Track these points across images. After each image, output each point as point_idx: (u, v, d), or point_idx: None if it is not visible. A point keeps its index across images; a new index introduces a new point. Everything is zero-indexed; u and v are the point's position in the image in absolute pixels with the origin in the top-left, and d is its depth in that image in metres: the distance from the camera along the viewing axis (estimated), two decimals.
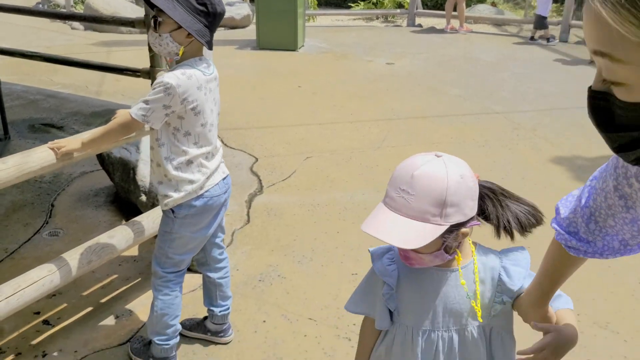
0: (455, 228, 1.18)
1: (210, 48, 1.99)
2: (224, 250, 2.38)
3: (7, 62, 5.34)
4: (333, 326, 2.51)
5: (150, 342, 2.23)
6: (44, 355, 2.32)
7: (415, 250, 1.21)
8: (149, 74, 4.32)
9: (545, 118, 5.38)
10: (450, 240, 1.20)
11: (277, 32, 7.95)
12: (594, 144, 4.69)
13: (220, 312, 2.37)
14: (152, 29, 1.96)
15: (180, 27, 1.90)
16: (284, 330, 2.48)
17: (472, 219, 1.21)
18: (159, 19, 1.91)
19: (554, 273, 1.22)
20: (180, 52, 1.96)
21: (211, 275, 2.34)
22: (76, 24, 9.62)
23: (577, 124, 5.22)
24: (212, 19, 1.94)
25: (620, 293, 2.81)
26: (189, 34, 1.92)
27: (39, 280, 2.08)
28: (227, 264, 2.40)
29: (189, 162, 2.03)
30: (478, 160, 4.36)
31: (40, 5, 11.54)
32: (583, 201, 1.11)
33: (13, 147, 4.33)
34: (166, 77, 1.91)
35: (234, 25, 9.93)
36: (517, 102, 5.88)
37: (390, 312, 1.34)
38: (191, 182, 2.04)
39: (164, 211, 2.14)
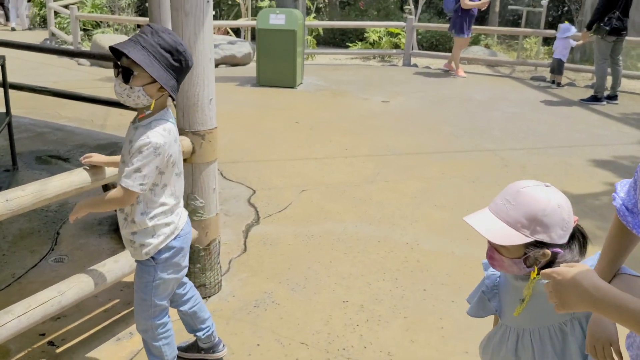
0: (539, 246, 1.40)
1: (175, 100, 1.99)
2: (186, 284, 2.38)
3: (17, 96, 5.55)
4: (324, 350, 2.63)
5: None
6: None
7: (499, 252, 1.46)
8: None
9: (534, 156, 5.59)
10: (531, 254, 1.41)
11: (277, 70, 8.24)
12: (581, 182, 4.89)
13: (203, 334, 2.45)
14: (120, 81, 1.90)
15: (153, 81, 1.88)
16: (277, 354, 2.60)
17: (557, 246, 1.41)
18: (133, 73, 1.86)
19: (614, 246, 1.40)
20: (152, 106, 1.94)
21: (182, 308, 2.38)
22: (83, 60, 9.94)
23: (565, 162, 5.42)
24: (184, 74, 1.98)
25: None
26: (160, 87, 1.91)
27: (48, 301, 2.21)
28: (193, 293, 2.41)
29: (166, 212, 2.05)
30: (468, 194, 4.53)
31: (49, 42, 11.92)
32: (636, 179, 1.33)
33: (21, 177, 4.51)
34: (151, 137, 1.90)
35: (235, 63, 10.25)
36: (508, 140, 6.10)
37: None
38: (167, 224, 2.06)
39: (140, 262, 2.12)
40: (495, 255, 1.48)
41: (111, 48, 1.90)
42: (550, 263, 1.43)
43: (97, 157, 2.26)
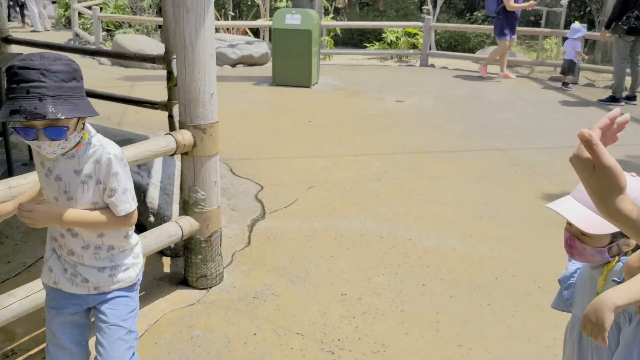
0: (626, 235, 1.35)
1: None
2: None
3: None
4: (319, 341, 2.68)
5: None
6: None
7: (581, 241, 1.42)
8: (166, 106, 4.67)
9: (545, 156, 5.55)
10: (618, 243, 1.39)
11: (292, 70, 8.31)
12: None
13: None
14: (48, 142, 1.60)
15: (80, 117, 1.65)
16: (272, 343, 2.66)
17: None
18: (67, 127, 1.61)
19: None
20: (86, 136, 1.73)
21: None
22: (104, 59, 10.15)
23: None
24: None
25: None
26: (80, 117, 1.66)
27: None
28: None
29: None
30: (475, 193, 4.53)
31: (73, 42, 12.20)
32: None
33: None
34: (110, 149, 1.74)
35: (252, 63, 10.37)
36: (519, 140, 6.06)
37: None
38: (137, 239, 1.96)
39: (123, 289, 1.87)
40: (576, 244, 1.45)
41: (15, 120, 1.53)
42: (634, 251, 1.39)
43: (3, 208, 1.85)
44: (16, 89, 1.55)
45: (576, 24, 8.81)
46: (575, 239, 1.45)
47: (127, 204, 1.77)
